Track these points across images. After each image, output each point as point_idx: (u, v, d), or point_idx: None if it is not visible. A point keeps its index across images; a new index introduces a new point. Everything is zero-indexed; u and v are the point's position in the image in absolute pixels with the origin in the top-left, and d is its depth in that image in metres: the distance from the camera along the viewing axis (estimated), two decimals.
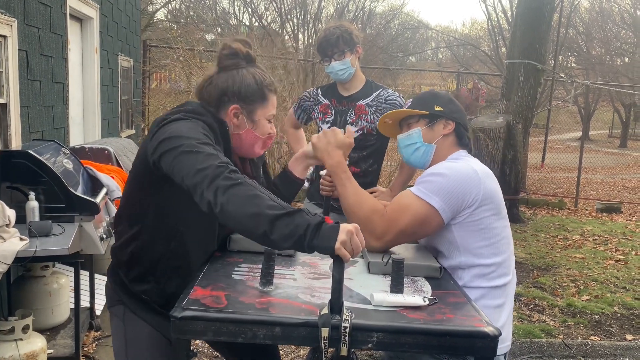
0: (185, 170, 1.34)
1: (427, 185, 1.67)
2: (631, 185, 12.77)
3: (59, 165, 3.04)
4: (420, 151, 1.84)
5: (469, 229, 1.68)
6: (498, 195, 1.73)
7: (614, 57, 22.82)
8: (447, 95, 1.91)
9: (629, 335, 4.07)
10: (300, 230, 1.21)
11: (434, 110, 1.83)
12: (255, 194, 1.26)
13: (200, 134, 1.42)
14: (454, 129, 1.83)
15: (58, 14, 4.28)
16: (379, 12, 24.65)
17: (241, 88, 1.61)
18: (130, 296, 1.59)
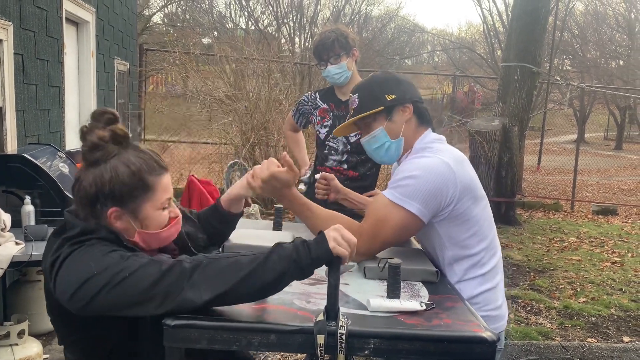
0: (134, 297, 1.19)
1: (402, 190, 1.59)
2: (627, 187, 12.81)
3: (55, 169, 3.03)
4: (391, 149, 1.75)
5: (452, 223, 1.64)
6: (474, 182, 1.67)
7: (608, 60, 22.93)
8: (391, 75, 1.80)
9: (625, 337, 4.08)
10: (293, 255, 1.19)
11: (387, 102, 1.71)
12: (227, 264, 1.19)
13: (107, 257, 1.23)
14: (413, 108, 1.74)
15: (54, 18, 4.27)
16: (375, 16, 24.72)
17: (114, 187, 1.29)
18: None
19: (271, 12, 20.89)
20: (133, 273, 1.19)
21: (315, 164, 2.98)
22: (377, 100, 1.72)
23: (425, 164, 1.62)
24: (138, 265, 1.20)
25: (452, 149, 1.71)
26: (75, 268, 1.23)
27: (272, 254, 1.20)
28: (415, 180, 1.59)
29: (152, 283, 1.18)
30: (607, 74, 21.03)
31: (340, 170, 2.75)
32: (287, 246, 1.21)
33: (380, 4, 36.22)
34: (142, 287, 1.18)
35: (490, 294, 1.69)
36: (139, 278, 1.19)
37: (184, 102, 7.95)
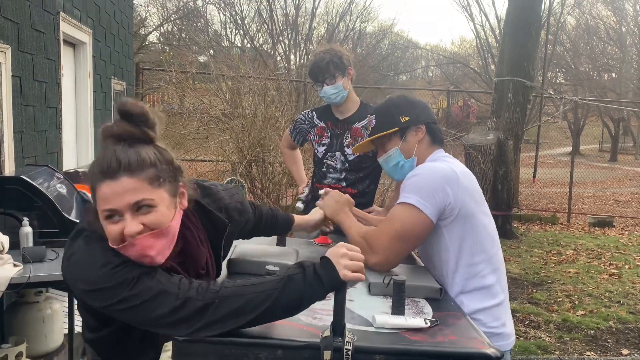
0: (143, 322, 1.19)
1: (405, 189, 1.71)
2: (622, 199, 12.87)
3: (53, 190, 3.03)
4: (405, 168, 1.85)
5: (459, 228, 1.69)
6: (477, 191, 1.75)
7: (601, 73, 23.17)
8: (406, 98, 1.91)
9: (624, 350, 4.07)
10: (307, 293, 1.19)
11: (401, 124, 1.84)
12: (245, 301, 1.16)
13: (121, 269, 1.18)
14: (426, 129, 1.85)
15: (51, 40, 4.30)
16: (369, 32, 24.97)
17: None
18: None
19: (266, 30, 21.09)
20: (143, 303, 1.15)
21: (312, 181, 3.00)
22: (392, 122, 1.84)
23: (429, 165, 1.76)
24: (147, 297, 1.16)
25: (460, 163, 1.80)
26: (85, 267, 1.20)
27: (285, 288, 1.17)
28: (417, 177, 1.70)
29: (164, 315, 1.16)
30: (600, 86, 21.25)
31: (338, 188, 2.76)
32: (299, 281, 1.18)
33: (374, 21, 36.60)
34: (155, 314, 1.16)
35: (493, 311, 1.70)
36: (149, 309, 1.16)
37: (181, 120, 7.97)
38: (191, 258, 1.37)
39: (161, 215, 1.21)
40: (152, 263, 1.21)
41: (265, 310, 1.16)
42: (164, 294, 1.16)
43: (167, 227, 1.22)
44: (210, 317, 1.15)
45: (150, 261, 1.21)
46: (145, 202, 1.19)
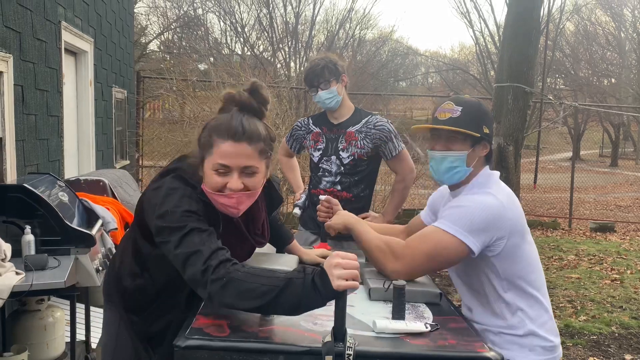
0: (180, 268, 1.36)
1: (448, 217, 1.63)
2: (623, 204, 12.86)
3: (55, 198, 3.04)
4: (459, 174, 1.73)
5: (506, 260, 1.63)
6: (523, 221, 1.69)
7: (600, 78, 23.22)
8: (489, 112, 1.82)
9: (627, 355, 4.06)
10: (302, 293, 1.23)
11: (482, 133, 1.72)
12: (246, 288, 1.25)
13: (183, 218, 1.37)
14: (490, 147, 1.77)
15: (53, 49, 4.33)
16: (369, 39, 25.05)
17: (202, 134, 1.47)
18: (122, 320, 1.63)
19: (266, 37, 21.17)
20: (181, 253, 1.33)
21: (309, 187, 3.01)
22: (476, 126, 1.71)
23: (479, 199, 1.64)
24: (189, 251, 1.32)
25: (505, 187, 1.74)
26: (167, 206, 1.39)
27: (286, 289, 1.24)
28: (464, 209, 1.62)
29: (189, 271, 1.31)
30: (600, 91, 21.29)
31: (333, 192, 2.77)
32: (299, 285, 1.24)
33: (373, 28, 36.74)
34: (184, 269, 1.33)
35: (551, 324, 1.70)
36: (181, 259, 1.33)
37: (182, 128, 7.99)
38: (253, 218, 1.60)
39: (258, 182, 1.47)
40: (234, 215, 1.48)
41: (265, 303, 1.24)
42: (198, 255, 1.31)
43: (257, 190, 1.48)
44: (218, 290, 1.27)
45: (235, 213, 1.47)
46: (252, 168, 1.44)
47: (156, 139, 8.62)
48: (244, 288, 1.25)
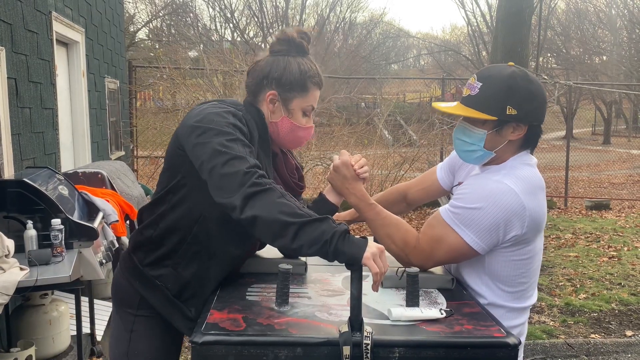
0: (209, 170, 1.35)
1: (462, 216, 1.49)
2: (617, 181, 12.94)
3: (55, 192, 3.02)
4: (475, 154, 1.57)
5: (506, 256, 1.53)
6: (543, 216, 1.53)
7: (592, 56, 23.21)
8: (527, 86, 1.51)
9: (628, 331, 4.11)
10: (327, 235, 1.24)
11: (505, 116, 1.49)
12: (282, 202, 1.28)
13: (229, 127, 1.40)
14: (527, 131, 1.53)
15: (45, 40, 4.26)
16: (360, 22, 24.88)
17: (283, 74, 1.56)
18: (144, 282, 1.55)
19: (256, 22, 20.98)
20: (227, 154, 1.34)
21: None
22: (496, 107, 1.49)
23: (493, 193, 1.46)
24: (234, 154, 1.35)
25: (534, 176, 1.54)
26: (209, 116, 1.42)
27: (320, 221, 1.27)
28: (479, 212, 1.46)
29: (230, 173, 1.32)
30: (592, 69, 21.29)
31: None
32: (331, 226, 1.27)
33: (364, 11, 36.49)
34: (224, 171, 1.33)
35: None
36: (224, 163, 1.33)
37: (175, 117, 7.93)
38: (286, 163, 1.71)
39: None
40: (301, 145, 1.67)
41: (293, 222, 1.26)
42: (242, 160, 1.34)
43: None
44: (254, 193, 1.29)
45: (303, 144, 1.68)
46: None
47: (150, 129, 8.56)
48: (281, 202, 1.28)
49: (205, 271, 1.54)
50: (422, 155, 8.48)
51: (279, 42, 1.61)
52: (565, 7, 23.48)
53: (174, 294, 1.54)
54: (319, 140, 7.90)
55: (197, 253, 1.53)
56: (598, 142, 22.61)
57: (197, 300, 1.55)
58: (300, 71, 1.57)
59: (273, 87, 1.57)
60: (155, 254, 1.55)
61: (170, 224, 1.53)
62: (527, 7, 7.77)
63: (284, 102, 1.59)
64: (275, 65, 1.57)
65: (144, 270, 1.55)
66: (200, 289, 1.55)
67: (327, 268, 1.70)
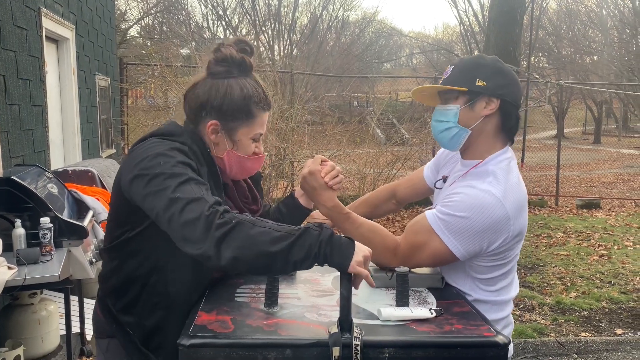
0: (169, 222, 1.22)
1: (449, 224, 1.48)
2: (607, 180, 13.03)
3: (44, 190, 2.99)
4: (451, 133, 1.57)
5: (486, 261, 1.55)
6: (525, 226, 1.57)
7: (583, 56, 23.33)
8: (495, 63, 1.57)
9: (618, 329, 4.14)
10: (314, 249, 1.20)
11: (474, 87, 1.52)
12: (257, 232, 1.18)
13: (178, 167, 1.28)
14: (499, 107, 1.54)
15: (34, 37, 4.22)
16: (353, 21, 24.87)
17: (223, 102, 1.42)
18: (118, 326, 1.46)
19: (249, 20, 20.93)
20: (181, 199, 1.21)
21: None
22: (465, 80, 1.54)
23: (482, 205, 1.46)
24: (190, 197, 1.22)
25: (520, 186, 1.56)
26: (151, 160, 1.29)
27: (302, 237, 1.20)
28: (469, 222, 1.46)
29: (191, 219, 1.19)
30: (583, 69, 21.41)
31: None
32: (314, 236, 1.20)
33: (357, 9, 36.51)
34: (184, 218, 1.20)
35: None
36: (182, 208, 1.20)
37: (166, 115, 7.89)
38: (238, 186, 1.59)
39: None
40: (250, 174, 1.57)
41: (278, 250, 1.17)
42: (201, 201, 1.21)
43: None
44: (224, 234, 1.17)
45: (253, 173, 1.57)
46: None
47: (142, 126, 8.51)
48: (256, 232, 1.18)
49: (168, 321, 1.44)
50: (414, 153, 8.50)
51: (216, 63, 1.45)
52: (556, 6, 23.62)
53: (141, 343, 1.45)
54: (312, 138, 7.89)
55: (157, 304, 1.44)
56: (589, 142, 22.76)
57: (164, 351, 1.45)
58: (244, 96, 1.43)
59: (213, 117, 1.43)
60: (122, 301, 1.46)
61: (128, 274, 1.44)
62: (518, 6, 7.82)
63: (228, 133, 1.45)
64: (215, 92, 1.42)
65: (117, 316, 1.47)
66: (164, 340, 1.44)
67: (316, 268, 1.68)
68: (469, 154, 1.62)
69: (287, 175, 7.17)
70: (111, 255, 1.47)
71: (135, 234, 1.39)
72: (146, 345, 1.45)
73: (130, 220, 1.38)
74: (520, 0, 7.98)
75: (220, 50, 1.46)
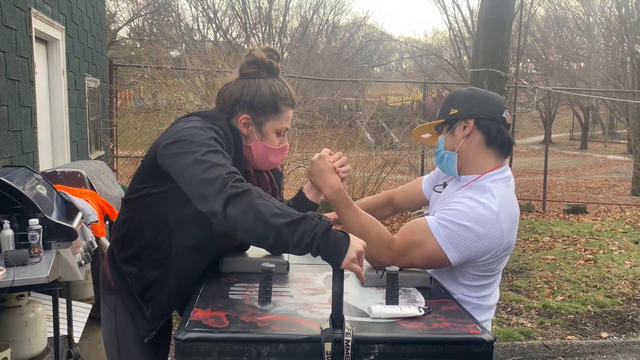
0: (190, 178, 1.36)
1: (450, 232, 1.55)
2: (594, 185, 13.19)
3: (33, 191, 2.97)
4: (443, 159, 1.76)
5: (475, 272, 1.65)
6: (513, 246, 1.68)
7: (570, 63, 23.59)
8: (467, 92, 1.76)
9: (603, 333, 4.19)
10: (307, 238, 1.26)
11: (449, 116, 1.73)
12: (262, 203, 1.29)
13: (210, 140, 1.43)
14: (475, 125, 1.69)
15: (23, 37, 4.21)
16: (343, 25, 24.97)
17: (254, 98, 1.60)
18: (118, 274, 1.61)
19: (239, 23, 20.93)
20: (206, 162, 1.37)
21: None
22: (443, 113, 1.77)
23: (482, 219, 1.55)
24: (214, 162, 1.37)
25: (514, 205, 1.67)
26: (188, 130, 1.45)
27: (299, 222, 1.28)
28: (468, 232, 1.55)
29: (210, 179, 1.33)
30: (570, 75, 21.63)
31: None
32: (310, 226, 1.27)
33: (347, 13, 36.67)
34: (200, 177, 1.35)
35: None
36: (205, 169, 1.35)
37: (156, 117, 7.87)
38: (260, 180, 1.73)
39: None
40: (273, 167, 1.73)
41: (274, 225, 1.26)
42: (223, 167, 1.37)
43: None
44: (234, 195, 1.30)
45: (277, 165, 1.73)
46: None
47: (131, 129, 8.48)
48: (260, 202, 1.29)
49: (165, 279, 1.58)
50: (403, 157, 8.55)
51: (248, 65, 1.63)
52: (544, 13, 23.87)
53: (137, 293, 1.60)
54: (302, 141, 7.91)
55: (159, 260, 1.57)
56: (575, 147, 23.01)
57: (155, 302, 1.60)
58: (272, 93, 1.61)
59: (245, 111, 1.61)
60: (127, 251, 1.61)
61: (138, 227, 1.58)
62: (507, 12, 7.89)
63: (257, 125, 1.63)
64: (247, 89, 1.61)
65: (120, 264, 1.61)
66: (159, 294, 1.60)
67: (309, 267, 1.72)
68: (465, 171, 1.73)
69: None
70: (128, 206, 1.61)
71: (155, 192, 1.54)
72: (141, 296, 1.59)
73: (154, 179, 1.53)
74: (509, 7, 8.06)
75: (252, 54, 1.64)
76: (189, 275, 1.59)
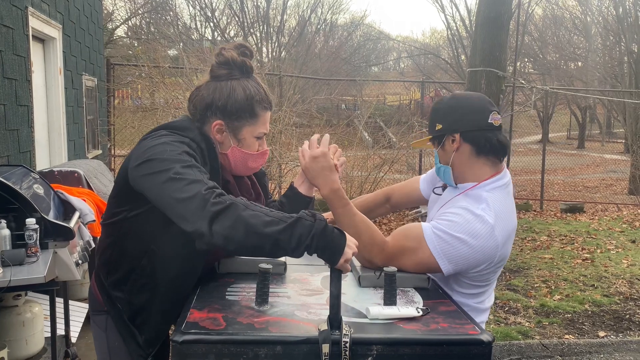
0: (167, 199, 1.27)
1: (446, 244, 1.54)
2: (591, 184, 13.21)
3: (30, 191, 2.96)
4: (440, 171, 1.75)
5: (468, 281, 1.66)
6: (507, 257, 1.67)
7: (568, 62, 23.63)
8: (448, 102, 1.72)
9: (601, 332, 4.20)
10: (306, 240, 1.24)
11: (435, 132, 1.71)
12: (250, 214, 1.23)
13: (183, 155, 1.34)
14: (462, 139, 1.65)
15: (20, 36, 4.19)
16: (341, 24, 24.96)
17: (227, 102, 1.49)
18: (109, 299, 1.54)
19: (237, 22, 20.90)
20: (182, 180, 1.28)
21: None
22: (431, 128, 1.74)
23: (477, 234, 1.54)
24: (190, 178, 1.28)
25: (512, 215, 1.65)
26: (159, 147, 1.36)
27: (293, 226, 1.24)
28: (462, 245, 1.54)
29: (189, 198, 1.25)
30: (567, 75, 21.68)
31: None
32: (306, 227, 1.24)
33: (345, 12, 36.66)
34: (182, 195, 1.26)
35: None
36: (182, 189, 1.26)
37: (153, 116, 7.85)
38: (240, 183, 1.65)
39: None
40: (253, 172, 1.65)
41: (267, 233, 1.21)
42: (200, 183, 1.27)
43: None
44: (218, 212, 1.22)
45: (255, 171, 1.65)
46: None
47: (128, 128, 8.47)
48: (248, 214, 1.22)
49: (154, 303, 1.52)
50: (401, 157, 8.55)
51: (219, 66, 1.51)
52: (542, 13, 23.88)
53: (128, 318, 1.53)
54: (300, 141, 7.90)
55: (145, 285, 1.51)
56: (573, 147, 23.04)
57: (147, 327, 1.54)
58: (247, 96, 1.50)
59: (219, 117, 1.51)
60: (114, 276, 1.53)
61: (121, 251, 1.51)
62: (505, 12, 7.89)
63: (233, 132, 1.53)
64: (218, 93, 1.49)
65: (108, 289, 1.54)
66: (148, 318, 1.54)
67: (306, 268, 1.71)
68: (463, 180, 1.72)
69: (275, 178, 7.17)
70: (107, 231, 1.53)
71: (133, 215, 1.45)
72: (132, 321, 1.53)
73: (130, 201, 1.44)
74: (506, 7, 8.07)
75: (222, 54, 1.52)
76: (179, 296, 1.50)
